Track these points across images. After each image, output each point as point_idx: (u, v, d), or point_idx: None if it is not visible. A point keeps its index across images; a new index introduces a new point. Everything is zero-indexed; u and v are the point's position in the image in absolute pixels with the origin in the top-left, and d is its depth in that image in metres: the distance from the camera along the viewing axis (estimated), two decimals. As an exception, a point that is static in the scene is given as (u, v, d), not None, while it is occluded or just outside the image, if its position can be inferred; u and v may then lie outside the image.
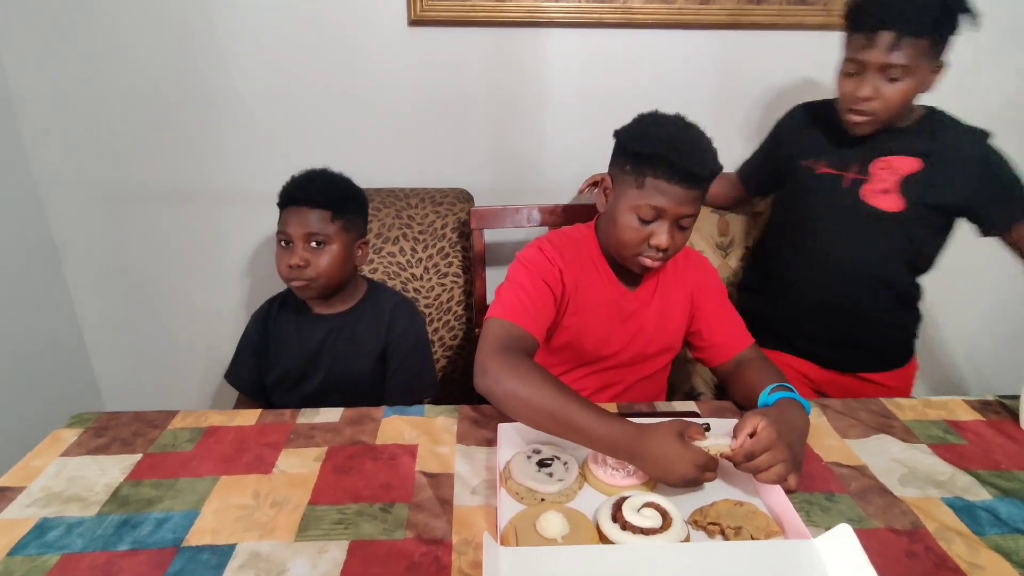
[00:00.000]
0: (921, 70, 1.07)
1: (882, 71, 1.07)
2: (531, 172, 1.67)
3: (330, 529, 0.78)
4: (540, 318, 1.01)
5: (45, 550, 0.75)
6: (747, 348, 1.11)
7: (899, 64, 1.05)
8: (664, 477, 0.81)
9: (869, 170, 1.18)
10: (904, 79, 1.07)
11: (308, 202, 1.15)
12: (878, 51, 1.05)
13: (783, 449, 0.81)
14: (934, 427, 1.01)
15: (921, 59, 1.05)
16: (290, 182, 1.19)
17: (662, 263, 1.03)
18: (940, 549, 0.76)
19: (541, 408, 0.85)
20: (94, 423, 1.01)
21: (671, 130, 0.99)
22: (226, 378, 1.30)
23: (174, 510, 0.82)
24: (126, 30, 1.49)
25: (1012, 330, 1.90)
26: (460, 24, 1.51)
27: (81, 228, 1.66)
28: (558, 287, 1.05)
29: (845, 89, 1.13)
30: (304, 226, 1.14)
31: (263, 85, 1.55)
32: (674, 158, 0.94)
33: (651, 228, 0.99)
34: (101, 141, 1.59)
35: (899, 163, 1.16)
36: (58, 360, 1.70)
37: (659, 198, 0.96)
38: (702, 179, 0.97)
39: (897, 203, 1.16)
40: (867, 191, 1.18)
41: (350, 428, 0.99)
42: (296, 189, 1.17)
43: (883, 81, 1.08)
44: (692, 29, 1.54)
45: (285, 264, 1.15)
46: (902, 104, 1.10)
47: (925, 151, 1.15)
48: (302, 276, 1.16)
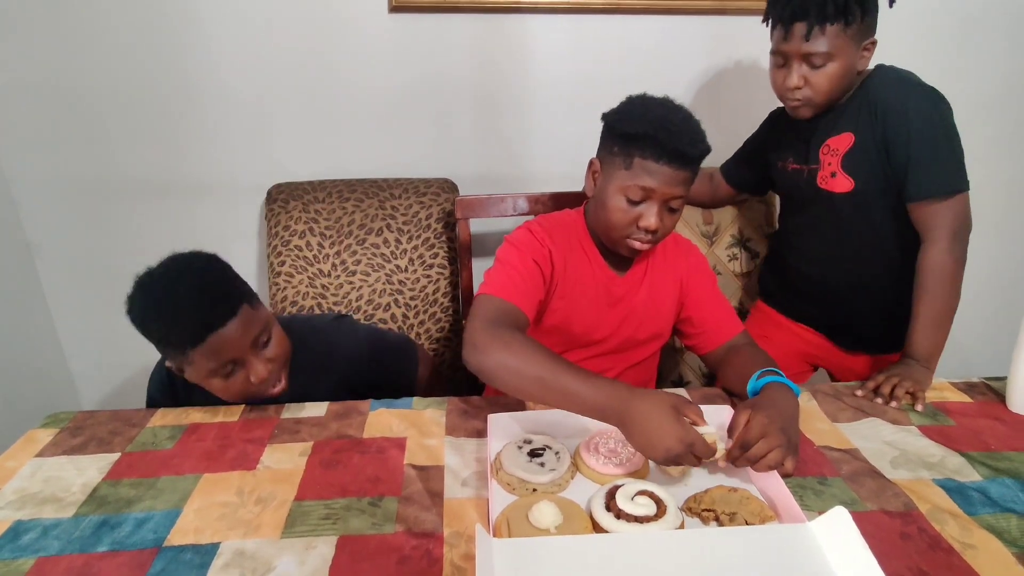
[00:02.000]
0: (846, 51, 1.07)
1: (805, 59, 1.08)
2: (516, 160, 1.65)
3: (317, 525, 0.76)
4: (530, 295, 1.00)
5: (20, 553, 0.73)
6: (737, 335, 1.11)
7: (818, 52, 1.06)
8: (647, 449, 0.77)
9: (818, 157, 1.18)
10: (828, 63, 1.08)
11: (223, 320, 0.91)
12: (796, 42, 1.07)
13: (777, 434, 0.80)
14: (924, 410, 1.01)
15: (841, 41, 1.06)
16: (173, 323, 0.90)
17: (651, 245, 1.03)
18: (933, 530, 0.76)
19: (532, 375, 0.83)
20: (70, 422, 0.98)
21: (659, 111, 0.98)
22: None
23: (155, 509, 0.79)
24: (99, 19, 1.45)
25: (991, 312, 1.92)
26: (443, 10, 1.48)
27: (55, 224, 1.62)
28: (547, 266, 1.04)
29: (776, 80, 1.14)
30: (244, 337, 0.93)
31: (242, 74, 1.52)
32: (663, 138, 0.94)
33: (640, 210, 0.99)
34: (74, 134, 1.54)
35: (836, 143, 1.15)
36: (33, 360, 1.65)
37: (648, 179, 0.96)
38: (691, 159, 0.97)
39: (847, 183, 1.15)
40: (821, 178, 1.19)
41: (336, 422, 0.97)
42: (194, 321, 0.90)
43: (808, 69, 1.09)
44: (679, 15, 1.54)
45: (247, 387, 0.96)
46: (832, 86, 1.10)
47: (852, 123, 1.13)
48: (277, 378, 0.99)
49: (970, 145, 1.12)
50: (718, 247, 1.55)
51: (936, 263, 1.09)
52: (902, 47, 1.52)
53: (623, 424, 0.79)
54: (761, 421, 0.82)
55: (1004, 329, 1.92)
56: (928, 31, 1.62)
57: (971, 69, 1.67)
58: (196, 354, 0.91)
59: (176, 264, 0.96)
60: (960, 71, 1.66)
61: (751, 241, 1.55)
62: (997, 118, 1.72)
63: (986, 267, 1.86)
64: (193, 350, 0.90)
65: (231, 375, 0.95)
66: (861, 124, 1.12)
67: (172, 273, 0.94)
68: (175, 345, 0.92)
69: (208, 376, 0.94)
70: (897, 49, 1.23)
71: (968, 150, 1.11)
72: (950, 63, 1.65)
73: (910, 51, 1.59)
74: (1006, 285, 1.93)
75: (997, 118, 1.72)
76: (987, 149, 1.74)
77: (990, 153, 1.75)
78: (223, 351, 0.92)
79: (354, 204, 1.46)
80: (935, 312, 1.10)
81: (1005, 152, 1.77)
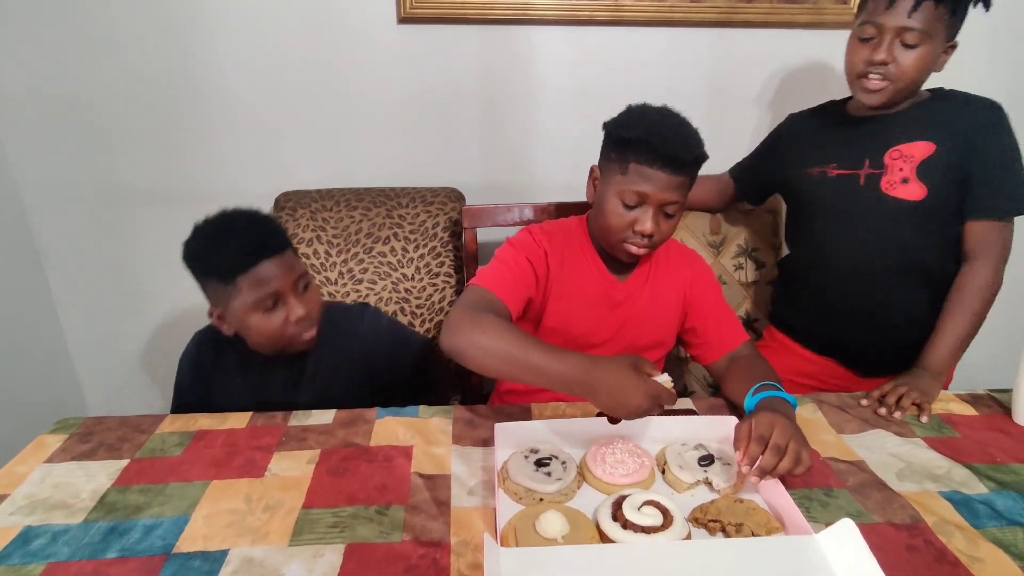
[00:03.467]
0: (937, 40, 1.05)
1: (899, 35, 1.05)
2: (522, 170, 1.66)
3: (325, 533, 0.77)
4: (517, 291, 1.03)
5: (30, 559, 0.73)
6: (740, 345, 1.11)
7: (917, 28, 1.03)
8: (617, 409, 0.81)
9: (883, 162, 1.14)
10: (920, 46, 1.05)
11: (272, 252, 1.00)
12: (898, 13, 1.04)
13: (787, 426, 0.82)
14: (930, 421, 1.02)
15: (938, 26, 1.04)
16: (228, 247, 0.99)
17: (649, 250, 1.04)
18: (940, 542, 0.76)
19: (501, 353, 0.86)
20: (79, 428, 0.99)
21: (655, 117, 1.01)
22: None
23: (163, 516, 0.80)
24: (110, 28, 1.46)
25: (996, 324, 1.92)
26: (450, 21, 1.50)
27: (63, 230, 1.63)
28: (542, 266, 1.07)
29: (860, 56, 1.09)
30: (288, 275, 1.01)
31: (251, 83, 1.53)
32: (656, 142, 0.96)
33: (635, 214, 1.01)
34: (84, 141, 1.55)
35: (911, 149, 1.12)
36: (41, 366, 1.66)
37: (642, 183, 0.98)
38: (685, 164, 0.98)
39: (919, 191, 1.12)
40: (887, 183, 1.14)
41: (343, 430, 0.97)
42: (248, 245, 0.99)
43: (900, 47, 1.06)
44: (683, 27, 1.54)
45: (285, 323, 1.01)
46: (916, 74, 1.08)
47: (935, 133, 1.11)
48: (311, 324, 1.05)
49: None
50: (724, 257, 1.55)
51: (982, 283, 1.10)
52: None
53: (588, 391, 0.81)
54: (766, 418, 0.83)
55: (1009, 341, 1.93)
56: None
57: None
58: (244, 281, 0.97)
59: (231, 210, 1.04)
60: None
61: (758, 251, 1.55)
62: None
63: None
64: (242, 276, 0.97)
65: (271, 311, 1.00)
66: (945, 135, 1.11)
67: (228, 212, 1.03)
68: (225, 274, 0.98)
69: (250, 310, 0.99)
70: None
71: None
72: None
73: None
74: (1013, 298, 1.92)
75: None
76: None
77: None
78: (268, 282, 0.98)
79: (361, 213, 1.47)
80: (965, 330, 1.10)
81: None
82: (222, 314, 1.03)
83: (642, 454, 0.88)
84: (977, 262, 1.11)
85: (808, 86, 1.62)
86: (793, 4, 1.53)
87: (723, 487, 0.84)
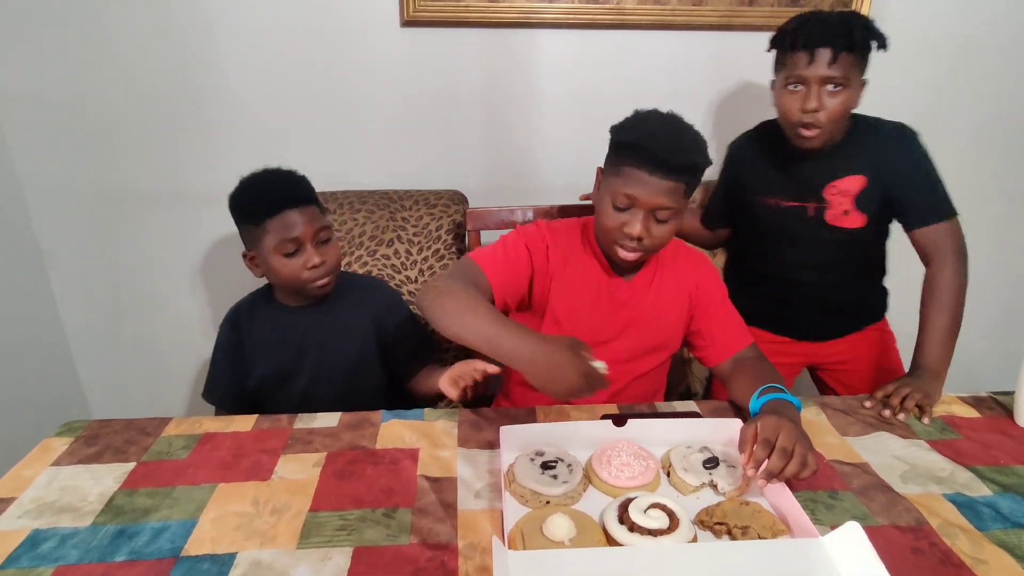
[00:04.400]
0: (855, 82, 1.16)
1: (823, 84, 1.15)
2: (525, 173, 1.66)
3: (333, 535, 0.77)
4: (507, 271, 1.07)
5: (39, 562, 0.73)
6: (745, 348, 1.11)
7: (838, 76, 1.14)
8: (553, 386, 0.84)
9: (824, 197, 1.25)
10: (843, 91, 1.15)
11: (298, 202, 1.12)
12: (820, 65, 1.14)
13: (792, 430, 0.82)
14: (933, 423, 1.02)
15: (854, 71, 1.15)
16: (263, 193, 1.13)
17: (640, 254, 1.05)
18: (944, 545, 0.76)
19: (461, 317, 0.92)
20: (85, 431, 0.99)
21: (653, 122, 1.01)
22: (203, 397, 1.26)
23: (171, 519, 0.80)
24: (113, 30, 1.47)
25: (996, 327, 1.93)
26: (453, 25, 1.50)
27: (67, 232, 1.63)
28: (540, 257, 1.10)
29: (792, 106, 1.19)
30: (310, 225, 1.12)
31: (254, 86, 1.54)
32: (647, 145, 0.97)
33: (625, 217, 1.01)
34: (88, 143, 1.56)
35: (846, 184, 1.24)
36: (42, 365, 1.67)
37: (633, 186, 0.98)
38: (675, 169, 0.97)
39: (860, 219, 1.25)
40: (831, 216, 1.26)
41: (349, 433, 0.98)
42: (282, 195, 1.12)
43: (825, 94, 1.16)
44: (685, 30, 1.55)
45: (302, 269, 1.13)
46: (843, 115, 1.18)
47: (864, 166, 1.22)
48: (325, 273, 1.15)
49: (974, 163, 1.13)
50: (719, 260, 1.56)
51: (949, 280, 1.18)
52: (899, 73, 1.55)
53: (530, 367, 0.85)
54: (772, 421, 0.83)
55: (1010, 344, 1.94)
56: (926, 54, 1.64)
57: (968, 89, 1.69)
58: (271, 223, 1.10)
59: (272, 167, 1.17)
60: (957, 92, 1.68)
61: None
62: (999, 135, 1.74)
63: (991, 282, 1.87)
64: (270, 219, 1.10)
65: (291, 256, 1.12)
66: (872, 167, 1.22)
67: (268, 169, 1.16)
68: (256, 217, 1.11)
69: (273, 251, 1.11)
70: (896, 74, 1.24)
71: (971, 167, 1.13)
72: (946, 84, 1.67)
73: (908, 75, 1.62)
74: (1012, 299, 1.94)
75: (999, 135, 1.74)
76: (989, 166, 1.76)
77: (992, 169, 1.76)
78: (291, 228, 1.10)
79: (365, 215, 1.48)
80: (948, 326, 1.16)
81: (1008, 168, 1.78)
82: (254, 256, 1.16)
83: (647, 457, 0.88)
84: (937, 263, 1.19)
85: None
86: (794, 8, 1.54)
87: (728, 490, 0.84)
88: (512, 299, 1.11)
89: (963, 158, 1.70)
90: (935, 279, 1.19)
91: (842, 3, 1.54)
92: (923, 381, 1.10)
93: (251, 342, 1.23)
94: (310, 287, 1.15)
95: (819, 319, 1.39)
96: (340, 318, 1.22)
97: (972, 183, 1.73)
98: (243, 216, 1.14)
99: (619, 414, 1.00)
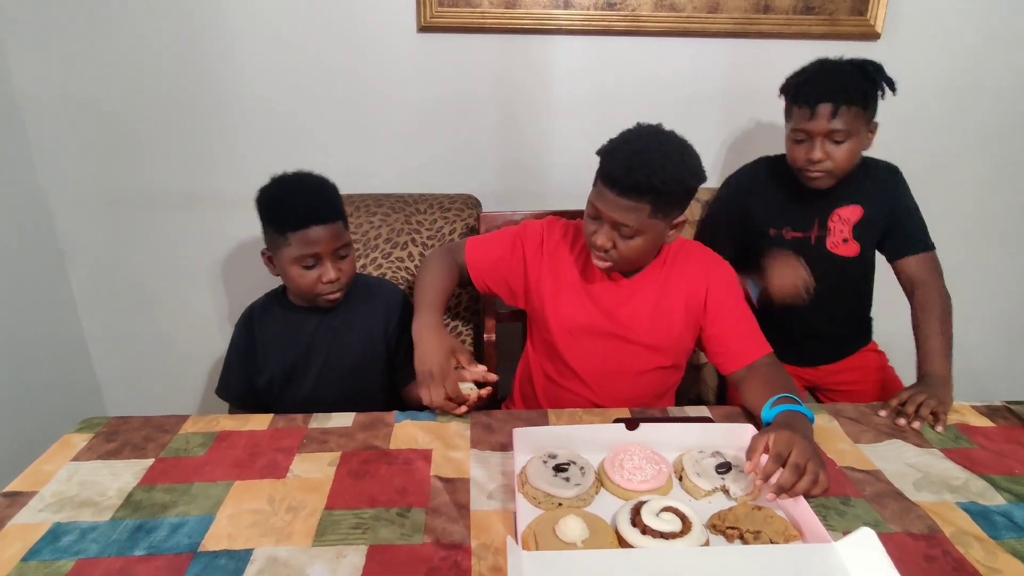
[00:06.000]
0: (860, 131, 1.21)
1: (828, 136, 1.20)
2: (538, 177, 1.67)
3: (348, 534, 0.78)
4: (487, 254, 1.20)
5: (60, 555, 0.75)
6: (760, 357, 1.10)
7: (840, 129, 1.18)
8: (417, 364, 1.02)
9: (827, 225, 1.31)
10: (848, 140, 1.20)
11: (323, 220, 1.12)
12: (822, 121, 1.18)
13: (806, 447, 0.82)
14: (946, 431, 1.02)
15: (857, 122, 1.19)
16: (292, 204, 1.13)
17: (609, 264, 1.07)
18: (958, 553, 0.76)
19: (418, 287, 1.15)
20: (104, 428, 1.01)
21: (626, 137, 1.03)
22: (217, 393, 1.28)
23: (189, 515, 0.81)
24: (133, 35, 1.49)
25: (1009, 338, 1.92)
26: (469, 30, 1.52)
27: (86, 233, 1.66)
28: (532, 247, 1.18)
29: (799, 155, 1.24)
30: (332, 243, 1.13)
31: (272, 91, 1.56)
32: (605, 162, 1.01)
33: (594, 227, 1.05)
34: (107, 146, 1.58)
35: (847, 213, 1.30)
36: (60, 364, 1.69)
37: (598, 198, 1.03)
38: (628, 189, 0.98)
39: (855, 248, 1.32)
40: (831, 243, 1.32)
41: (363, 433, 0.99)
42: (308, 211, 1.12)
43: (831, 144, 1.21)
44: (699, 37, 1.55)
45: (317, 282, 1.14)
46: (850, 161, 1.22)
47: (861, 197, 1.30)
48: (339, 288, 1.17)
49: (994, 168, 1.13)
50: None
51: (939, 298, 1.25)
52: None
53: (415, 342, 1.05)
54: (785, 436, 0.84)
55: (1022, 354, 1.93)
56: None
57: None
58: (294, 237, 1.11)
59: (305, 172, 1.18)
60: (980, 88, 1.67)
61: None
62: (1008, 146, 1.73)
63: (1004, 294, 1.86)
64: (293, 233, 1.10)
65: (309, 268, 1.14)
66: (869, 199, 1.30)
67: (302, 175, 1.18)
68: (282, 224, 1.12)
69: (292, 262, 1.13)
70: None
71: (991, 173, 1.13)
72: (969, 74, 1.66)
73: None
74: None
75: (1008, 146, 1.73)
76: (1006, 171, 1.74)
77: (1008, 184, 1.75)
78: (313, 244, 1.11)
79: (380, 218, 1.49)
80: (947, 337, 1.21)
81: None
82: (271, 257, 1.18)
83: (660, 461, 0.89)
84: (926, 285, 1.27)
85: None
86: (808, 15, 1.54)
87: (740, 495, 0.85)
88: (492, 282, 1.22)
89: (984, 161, 1.70)
90: (925, 298, 1.25)
91: (857, 11, 1.54)
92: (934, 388, 1.10)
93: (262, 341, 1.24)
94: (321, 299, 1.18)
95: (816, 345, 1.44)
96: (349, 320, 1.24)
97: (989, 191, 1.74)
98: (268, 220, 1.15)
99: (631, 418, 1.01)
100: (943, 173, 1.71)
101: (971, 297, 1.80)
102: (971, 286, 1.79)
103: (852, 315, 1.44)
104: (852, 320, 1.45)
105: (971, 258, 1.78)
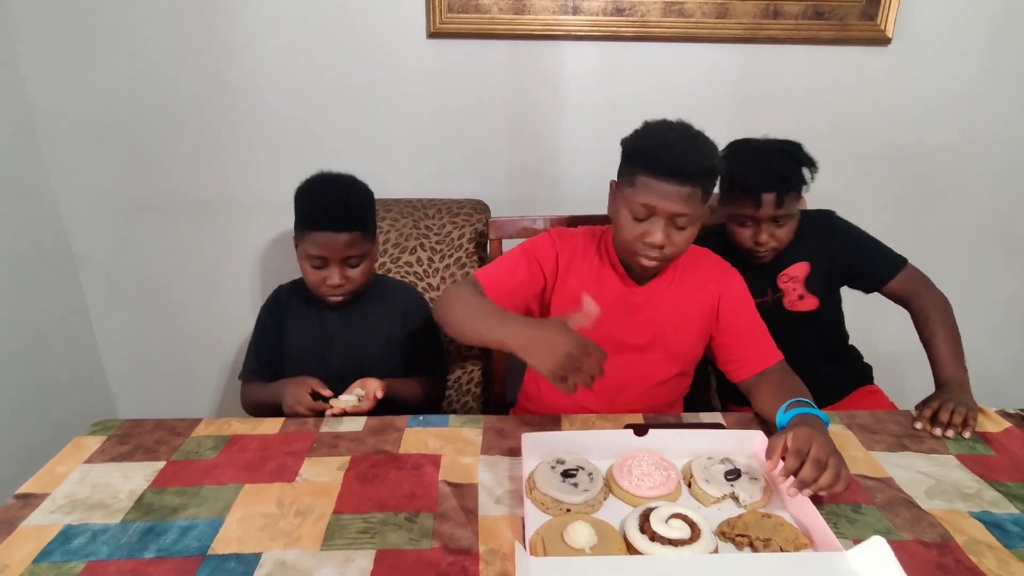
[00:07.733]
0: (797, 209, 1.24)
1: (771, 220, 1.22)
2: (547, 183, 1.67)
3: (356, 538, 0.78)
4: (503, 285, 1.10)
5: (70, 557, 0.75)
6: (772, 365, 1.10)
7: (784, 214, 1.21)
8: (549, 359, 0.84)
9: (779, 287, 1.32)
10: (790, 220, 1.23)
11: (342, 228, 1.15)
12: (767, 208, 1.20)
13: (825, 442, 0.82)
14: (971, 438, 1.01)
15: (796, 202, 1.23)
16: (314, 204, 1.16)
17: (661, 262, 1.05)
18: (970, 562, 0.75)
19: (466, 317, 0.99)
20: (117, 430, 1.01)
21: (662, 130, 1.02)
22: (241, 378, 1.29)
23: (199, 518, 0.82)
24: (146, 44, 1.51)
25: (1017, 345, 1.89)
26: (478, 36, 1.53)
27: (98, 237, 1.68)
28: (550, 265, 1.13)
29: (744, 238, 1.25)
30: (342, 251, 1.16)
31: (283, 96, 1.57)
32: (658, 153, 0.98)
33: (645, 226, 1.02)
34: (119, 152, 1.60)
35: (794, 271, 1.31)
36: (72, 367, 1.70)
37: (649, 195, 0.99)
38: (689, 174, 0.98)
39: (813, 302, 1.32)
40: (788, 303, 1.32)
41: (373, 437, 0.99)
42: (326, 214, 1.15)
43: (774, 227, 1.23)
44: (709, 43, 1.56)
45: (321, 282, 1.18)
46: (791, 235, 1.25)
47: (804, 253, 1.30)
48: (342, 293, 1.20)
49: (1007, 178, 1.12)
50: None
51: (939, 304, 1.23)
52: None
53: (523, 346, 0.88)
54: (804, 432, 0.83)
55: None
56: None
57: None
58: (310, 235, 1.15)
59: (345, 176, 1.22)
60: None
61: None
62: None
63: (1020, 297, 1.84)
64: (310, 232, 1.15)
65: (317, 268, 1.18)
66: (811, 254, 1.30)
67: (341, 178, 1.21)
68: (301, 220, 1.17)
69: (304, 258, 1.18)
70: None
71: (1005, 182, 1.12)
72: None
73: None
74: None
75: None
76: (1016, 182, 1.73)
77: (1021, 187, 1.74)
78: (324, 247, 1.15)
79: (390, 223, 1.50)
80: (953, 341, 1.19)
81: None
82: (297, 244, 1.21)
83: (668, 467, 0.88)
84: (918, 296, 1.26)
85: (832, 101, 1.62)
86: (818, 20, 1.54)
87: (749, 502, 0.84)
88: (515, 309, 1.12)
89: (995, 165, 1.69)
90: (923, 308, 1.24)
91: (867, 16, 1.54)
92: (955, 393, 1.09)
93: (288, 328, 1.28)
94: (326, 300, 1.22)
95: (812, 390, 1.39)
96: (368, 319, 1.27)
97: (1001, 194, 1.72)
98: (295, 211, 1.19)
99: (640, 424, 1.00)
100: (954, 177, 1.70)
101: (984, 300, 1.79)
102: (984, 289, 1.78)
103: (829, 363, 1.39)
104: (829, 368, 1.38)
105: (983, 261, 1.76)
